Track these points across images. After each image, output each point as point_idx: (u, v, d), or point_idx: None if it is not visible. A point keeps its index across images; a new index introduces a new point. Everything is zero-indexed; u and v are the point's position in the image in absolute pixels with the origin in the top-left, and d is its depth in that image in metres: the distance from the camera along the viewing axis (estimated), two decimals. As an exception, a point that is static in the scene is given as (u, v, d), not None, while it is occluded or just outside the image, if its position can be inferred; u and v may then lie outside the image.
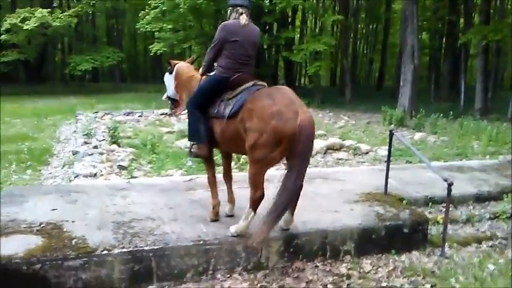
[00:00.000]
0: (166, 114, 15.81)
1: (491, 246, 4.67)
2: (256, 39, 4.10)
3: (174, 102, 4.70)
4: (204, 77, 4.24)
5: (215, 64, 4.10)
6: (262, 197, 3.77)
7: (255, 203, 3.78)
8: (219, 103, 3.94)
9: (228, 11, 4.12)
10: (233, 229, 3.88)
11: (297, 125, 3.45)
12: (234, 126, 3.78)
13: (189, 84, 4.41)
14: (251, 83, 3.92)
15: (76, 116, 14.05)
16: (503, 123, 12.57)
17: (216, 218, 4.16)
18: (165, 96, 4.77)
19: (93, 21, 36.05)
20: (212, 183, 4.25)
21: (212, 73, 4.10)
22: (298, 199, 3.90)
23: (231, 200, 4.39)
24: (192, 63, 4.76)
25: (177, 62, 4.70)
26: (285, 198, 3.51)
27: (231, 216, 4.31)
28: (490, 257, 4.39)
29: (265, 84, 4.01)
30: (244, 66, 3.98)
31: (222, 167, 4.50)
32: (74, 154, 8.17)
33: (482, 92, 18.13)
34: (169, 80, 4.62)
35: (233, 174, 4.54)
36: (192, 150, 4.14)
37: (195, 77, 4.42)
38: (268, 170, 4.06)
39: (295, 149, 3.48)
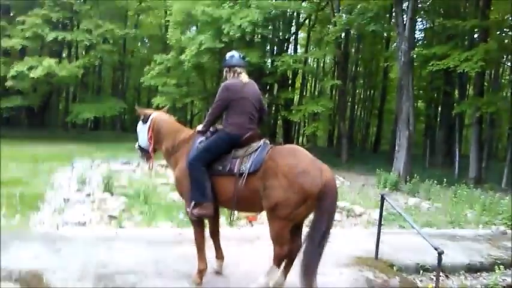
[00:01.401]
0: (163, 165, 15.84)
1: (482, 319, 4.54)
2: (260, 95, 4.20)
3: (146, 154, 4.53)
4: (197, 133, 4.17)
5: (219, 124, 4.11)
6: (286, 253, 3.74)
7: (280, 259, 3.75)
8: (230, 160, 3.85)
9: (224, 72, 4.20)
10: (254, 285, 3.80)
11: (322, 182, 3.54)
12: (252, 183, 3.70)
13: (174, 137, 4.26)
14: (262, 141, 3.94)
15: (73, 162, 14.06)
16: (496, 193, 12.58)
17: (200, 282, 3.98)
18: (136, 145, 4.58)
19: (99, 73, 36.98)
20: (202, 246, 4.07)
21: (221, 130, 4.01)
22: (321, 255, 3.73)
23: (220, 256, 4.29)
24: (167, 112, 4.67)
25: (149, 111, 4.57)
26: (314, 256, 3.56)
27: (219, 273, 4.19)
28: (481, 331, 4.26)
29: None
30: (253, 122, 4.02)
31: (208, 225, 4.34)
32: (65, 201, 8.11)
33: (477, 161, 18.32)
34: (143, 129, 4.45)
35: (223, 230, 4.49)
36: (195, 210, 3.86)
37: (183, 130, 4.35)
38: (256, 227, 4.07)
39: (322, 207, 3.56)
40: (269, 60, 23.04)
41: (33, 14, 24.12)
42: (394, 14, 19.09)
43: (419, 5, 20.64)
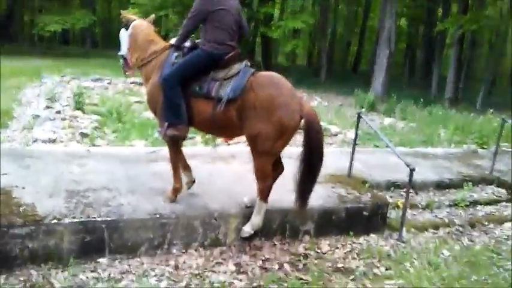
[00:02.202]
0: (136, 83, 15.41)
1: (448, 233, 4.77)
2: (240, 9, 3.90)
3: (126, 63, 4.27)
4: (170, 47, 3.90)
5: (196, 38, 3.84)
6: (271, 185, 3.74)
7: (265, 193, 3.73)
8: (210, 82, 3.63)
9: None
10: (248, 228, 3.82)
11: (303, 115, 3.51)
12: (228, 110, 3.54)
13: (146, 48, 4.00)
14: (243, 64, 3.70)
15: (41, 78, 13.50)
16: (471, 114, 12.82)
17: (175, 199, 3.91)
18: (119, 54, 4.28)
19: (65, -19, 34.49)
20: (177, 166, 3.96)
21: (200, 47, 3.72)
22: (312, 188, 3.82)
23: (187, 167, 4.14)
24: (152, 22, 4.31)
25: (133, 17, 4.26)
26: (309, 185, 3.71)
27: (193, 183, 4.14)
28: (446, 243, 4.49)
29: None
30: (233, 37, 3.75)
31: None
32: (34, 118, 7.84)
33: (454, 82, 18.46)
34: (124, 36, 4.16)
35: (198, 148, 4.39)
36: (168, 131, 3.68)
37: (157, 42, 4.05)
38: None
39: (308, 141, 3.57)
40: (248, -29, 21.77)
41: None
42: None
43: None
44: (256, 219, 3.80)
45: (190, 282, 3.31)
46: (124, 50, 4.20)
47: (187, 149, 6.13)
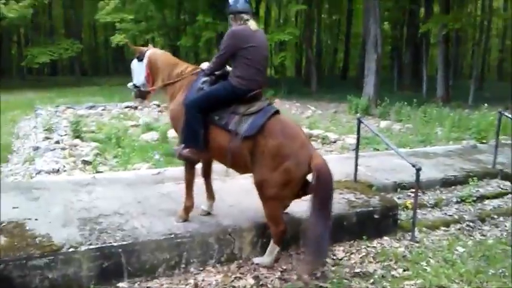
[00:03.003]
0: (131, 107, 15.45)
1: (459, 229, 4.79)
2: (267, 42, 3.96)
3: (143, 92, 4.35)
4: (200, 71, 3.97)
5: (227, 71, 3.88)
6: (285, 231, 3.71)
7: (279, 238, 3.71)
8: (229, 114, 3.67)
9: (230, 19, 3.84)
10: (257, 260, 3.82)
11: (306, 170, 3.48)
12: (243, 148, 3.56)
13: (171, 70, 4.10)
14: (266, 102, 3.75)
15: (36, 110, 13.50)
16: (464, 110, 12.97)
17: (187, 218, 3.94)
18: (130, 84, 4.39)
19: (50, 12, 34.70)
20: (190, 183, 4.00)
21: (227, 81, 3.76)
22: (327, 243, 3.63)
23: (211, 196, 4.22)
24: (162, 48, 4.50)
25: (145, 48, 4.36)
26: (323, 240, 3.47)
27: (209, 214, 4.15)
28: (459, 240, 4.50)
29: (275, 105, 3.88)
30: (261, 74, 3.77)
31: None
32: (34, 150, 7.84)
33: (444, 81, 18.68)
34: (138, 68, 4.26)
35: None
36: (183, 151, 3.77)
37: (182, 64, 4.14)
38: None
39: (317, 195, 3.47)
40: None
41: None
42: None
43: None
44: (267, 260, 3.79)
45: (212, 299, 3.30)
46: (140, 80, 4.27)
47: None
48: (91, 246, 3.34)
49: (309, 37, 25.46)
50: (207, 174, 4.22)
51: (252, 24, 3.76)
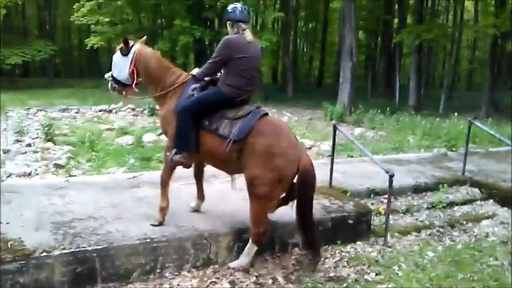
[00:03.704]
0: (105, 111, 15.25)
1: (429, 235, 4.91)
2: (260, 53, 4.03)
3: (124, 86, 4.21)
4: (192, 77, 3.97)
5: (218, 77, 3.94)
6: (266, 232, 3.77)
7: (259, 239, 3.75)
8: (219, 119, 3.73)
9: (228, 26, 3.89)
10: (233, 265, 3.84)
11: (300, 168, 3.60)
12: (231, 150, 3.63)
13: (164, 77, 4.04)
14: (255, 105, 3.81)
15: (6, 112, 13.17)
16: (436, 118, 13.31)
17: (163, 220, 3.95)
18: (108, 75, 4.23)
19: (23, 13, 33.94)
20: (166, 184, 4.03)
21: (218, 87, 3.83)
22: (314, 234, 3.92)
23: (201, 196, 4.35)
24: (146, 43, 4.30)
25: (130, 42, 4.16)
26: (310, 234, 3.84)
27: (197, 211, 4.29)
28: (429, 245, 4.62)
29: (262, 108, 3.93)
30: (252, 82, 3.84)
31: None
32: (5, 153, 7.64)
33: (416, 89, 19.15)
34: (121, 62, 4.10)
35: (178, 169, 4.36)
36: (175, 157, 3.83)
37: (174, 71, 4.09)
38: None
39: (301, 194, 3.70)
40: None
41: None
42: None
43: None
44: (244, 260, 3.83)
45: (188, 304, 3.29)
46: (122, 75, 4.13)
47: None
48: (64, 251, 3.28)
49: (286, 44, 25.70)
50: (198, 176, 4.33)
51: (248, 35, 3.81)
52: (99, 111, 15.05)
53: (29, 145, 8.26)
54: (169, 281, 3.58)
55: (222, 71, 3.89)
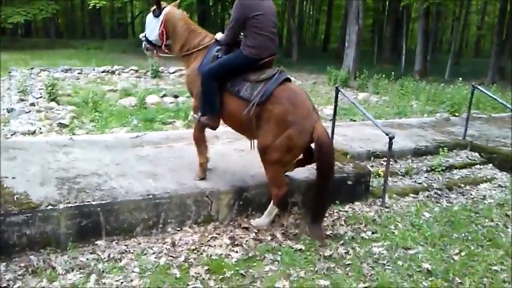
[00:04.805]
0: (108, 72, 15.19)
1: (427, 197, 5.00)
2: (275, 9, 4.00)
3: (155, 47, 4.35)
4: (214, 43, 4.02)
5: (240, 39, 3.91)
6: (287, 193, 3.85)
7: (280, 200, 3.83)
8: (241, 82, 3.79)
9: None
10: (255, 223, 3.94)
11: (308, 139, 3.60)
12: (250, 112, 3.68)
13: (190, 38, 4.13)
14: (277, 69, 3.81)
15: (9, 72, 13.14)
16: (440, 84, 13.21)
17: (204, 175, 4.12)
18: (142, 35, 4.40)
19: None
20: (202, 142, 4.20)
21: (239, 51, 3.84)
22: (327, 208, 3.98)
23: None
24: (178, 7, 4.40)
25: (163, 4, 4.28)
26: (320, 208, 3.81)
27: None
28: (426, 206, 4.71)
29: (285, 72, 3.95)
30: (272, 41, 3.84)
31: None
32: (9, 112, 7.70)
33: (422, 55, 18.88)
34: (153, 23, 4.24)
35: (182, 131, 4.45)
36: (202, 119, 3.97)
37: (200, 33, 4.16)
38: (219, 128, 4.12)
39: (318, 165, 3.67)
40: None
41: None
42: None
43: None
44: (265, 220, 3.96)
45: (189, 256, 3.41)
46: (154, 36, 4.25)
47: (171, 132, 6.20)
48: (69, 205, 3.38)
49: (292, 7, 25.20)
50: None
51: None
52: (102, 72, 14.99)
53: (32, 104, 8.30)
54: (172, 236, 3.70)
55: (242, 34, 3.89)
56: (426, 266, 3.43)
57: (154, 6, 4.24)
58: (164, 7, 4.25)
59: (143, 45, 4.41)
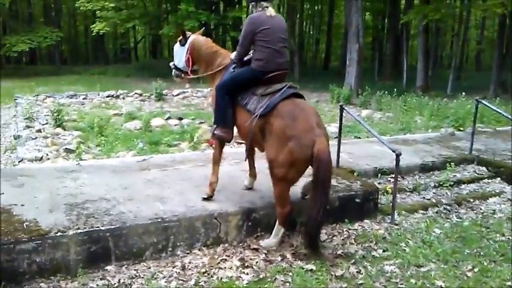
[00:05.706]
0: (112, 96, 15.33)
1: (436, 212, 4.96)
2: (285, 27, 4.11)
3: (182, 73, 4.61)
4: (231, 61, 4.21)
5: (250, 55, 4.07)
6: (291, 212, 3.85)
7: (285, 219, 3.84)
8: (250, 95, 3.92)
9: (250, 7, 4.06)
10: (264, 244, 3.94)
11: (309, 153, 3.54)
12: (255, 126, 3.79)
13: (214, 58, 4.38)
14: (284, 84, 3.88)
15: (15, 99, 13.29)
16: (443, 99, 13.23)
17: (212, 194, 4.18)
18: (172, 64, 4.67)
19: (28, 0, 33.92)
20: (217, 161, 4.26)
21: (249, 65, 4.01)
22: (322, 225, 3.82)
23: (253, 174, 4.53)
24: (202, 35, 4.66)
25: (188, 33, 4.59)
26: (314, 226, 3.66)
27: (250, 188, 4.50)
28: (436, 222, 4.66)
29: (297, 87, 4.03)
30: (280, 55, 3.94)
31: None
32: (15, 138, 7.76)
33: (423, 71, 18.98)
34: (180, 51, 4.54)
35: (188, 153, 4.49)
36: (216, 131, 4.11)
37: (221, 53, 4.40)
38: (224, 148, 4.17)
39: (315, 181, 3.62)
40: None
41: None
42: None
43: None
44: (272, 241, 3.94)
45: (199, 280, 3.38)
46: (180, 63, 4.54)
47: (177, 154, 6.22)
48: (79, 231, 3.38)
49: (292, 27, 25.49)
50: (250, 153, 4.42)
51: (270, 11, 3.94)
52: (107, 96, 15.13)
53: (39, 131, 8.37)
54: (181, 259, 3.68)
55: (252, 50, 4.03)
56: (440, 284, 3.39)
57: (181, 37, 4.52)
58: (189, 36, 4.52)
59: (173, 72, 4.67)
